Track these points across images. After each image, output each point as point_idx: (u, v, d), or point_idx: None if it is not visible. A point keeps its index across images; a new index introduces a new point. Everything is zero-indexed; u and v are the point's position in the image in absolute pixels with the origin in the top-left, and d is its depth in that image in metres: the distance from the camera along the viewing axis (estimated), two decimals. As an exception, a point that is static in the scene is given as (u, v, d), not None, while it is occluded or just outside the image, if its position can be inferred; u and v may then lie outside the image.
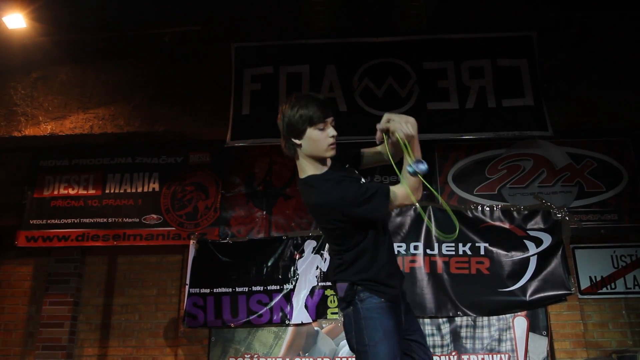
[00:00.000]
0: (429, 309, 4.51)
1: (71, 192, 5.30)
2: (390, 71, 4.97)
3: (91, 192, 5.29)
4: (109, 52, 5.33)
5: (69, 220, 5.21)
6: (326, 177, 2.26)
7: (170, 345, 4.96)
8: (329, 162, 2.35)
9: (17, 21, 4.95)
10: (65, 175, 5.36)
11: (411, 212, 4.78)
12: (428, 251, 4.66)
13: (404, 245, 4.69)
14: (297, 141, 2.24)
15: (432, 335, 4.56)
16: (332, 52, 5.06)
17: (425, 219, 4.70)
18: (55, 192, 5.30)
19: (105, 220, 5.17)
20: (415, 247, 4.68)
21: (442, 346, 4.53)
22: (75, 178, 5.35)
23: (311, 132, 2.21)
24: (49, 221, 5.20)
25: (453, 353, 4.51)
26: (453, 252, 4.63)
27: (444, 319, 4.57)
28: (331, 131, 2.24)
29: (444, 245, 4.65)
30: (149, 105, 5.17)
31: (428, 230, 4.69)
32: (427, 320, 4.58)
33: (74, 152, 5.41)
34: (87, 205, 5.25)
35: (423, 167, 2.14)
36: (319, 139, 2.22)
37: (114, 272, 5.31)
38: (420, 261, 4.63)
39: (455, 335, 4.55)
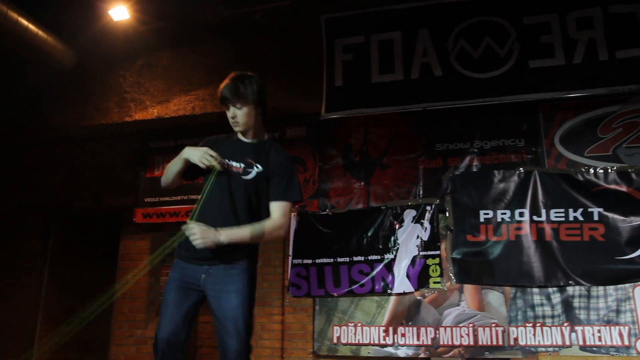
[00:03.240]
0: (537, 278, 4.31)
1: (179, 170, 5.61)
2: (487, 30, 4.71)
3: (196, 170, 5.56)
4: (204, 35, 5.52)
5: (178, 197, 5.54)
6: None
7: (277, 314, 5.17)
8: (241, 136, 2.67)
9: (122, 13, 5.29)
10: (173, 155, 5.54)
11: (515, 178, 4.57)
12: (535, 218, 4.43)
13: (508, 212, 4.50)
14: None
15: (542, 305, 4.38)
16: (424, 15, 4.88)
17: None
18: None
19: (211, 195, 5.44)
20: (521, 214, 4.47)
21: (552, 317, 4.34)
22: (182, 157, 5.65)
23: None
24: (160, 199, 5.57)
25: (565, 324, 4.30)
26: (563, 219, 4.36)
27: (554, 289, 4.36)
28: (231, 113, 2.59)
29: (552, 211, 4.40)
30: (245, 83, 5.31)
31: (534, 196, 4.46)
32: (535, 290, 4.40)
33: (179, 133, 5.71)
34: (194, 182, 5.52)
35: None
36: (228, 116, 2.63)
37: (221, 245, 5.59)
38: (526, 228, 4.41)
39: (567, 305, 4.33)
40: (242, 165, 2.55)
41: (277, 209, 2.51)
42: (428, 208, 4.72)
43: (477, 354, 4.42)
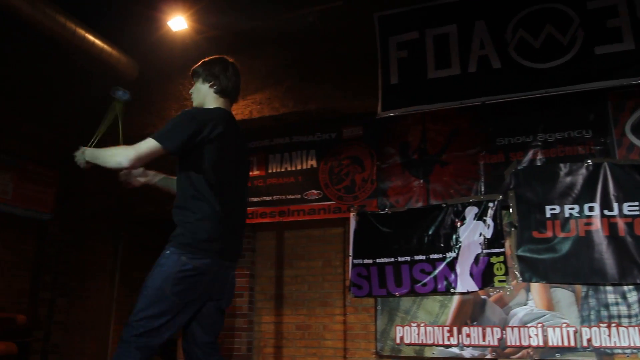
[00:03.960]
0: (611, 275, 4.11)
1: (239, 174, 5.74)
2: (548, 18, 4.51)
3: (256, 172, 5.68)
4: (259, 40, 5.61)
5: (240, 200, 5.66)
6: None
7: (339, 314, 5.18)
8: None
9: (180, 23, 5.47)
10: (233, 159, 5.80)
11: (582, 170, 4.36)
12: (606, 212, 4.21)
13: (576, 207, 4.31)
14: None
15: (617, 304, 4.15)
16: (480, 6, 4.74)
17: None
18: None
19: (270, 198, 5.54)
20: (591, 209, 4.27)
21: (629, 316, 4.10)
22: (241, 161, 5.78)
23: None
24: (222, 202, 5.70)
25: (643, 323, 4.06)
26: (637, 212, 4.12)
27: (630, 287, 4.13)
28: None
29: (625, 204, 4.17)
30: (300, 85, 5.37)
31: (605, 189, 4.25)
32: (609, 288, 4.17)
33: (238, 137, 5.83)
34: (254, 185, 5.65)
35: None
36: None
37: (282, 246, 5.67)
38: (597, 223, 4.21)
39: (645, 303, 4.09)
40: None
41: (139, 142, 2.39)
42: (490, 205, 4.60)
43: (548, 355, 4.24)
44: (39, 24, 4.91)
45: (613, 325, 4.12)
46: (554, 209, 4.38)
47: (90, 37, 5.38)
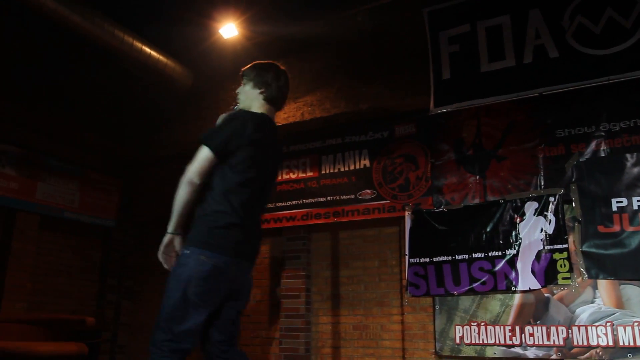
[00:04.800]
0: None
1: (292, 176, 5.81)
2: (608, 1, 4.31)
3: (309, 174, 5.71)
4: (308, 42, 5.65)
5: (294, 202, 5.71)
6: None
7: (396, 314, 5.13)
8: None
9: (231, 30, 5.58)
10: (286, 161, 5.88)
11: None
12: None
13: None
14: None
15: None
16: (534, -5, 4.60)
17: None
18: (279, 178, 5.85)
19: (324, 199, 5.55)
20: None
21: None
22: (294, 163, 5.84)
23: None
24: (277, 204, 5.78)
25: None
26: None
27: None
28: None
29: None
30: (351, 85, 5.37)
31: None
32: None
33: (290, 139, 5.89)
34: (307, 186, 5.68)
35: None
36: None
37: (337, 247, 5.67)
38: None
39: None
40: None
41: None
42: (551, 199, 4.43)
43: (618, 355, 4.03)
44: (98, 39, 5.16)
45: (691, 322, 3.88)
46: (621, 202, 4.17)
47: (147, 49, 5.59)
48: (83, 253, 6.61)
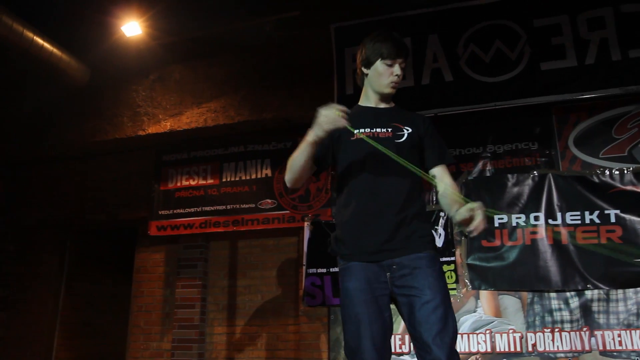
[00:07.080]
0: (555, 282, 4.26)
1: (192, 182, 5.67)
2: (497, 34, 4.69)
3: (210, 181, 5.61)
4: (215, 48, 5.58)
5: (192, 209, 5.57)
6: None
7: (292, 324, 5.15)
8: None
9: (134, 29, 5.37)
10: (186, 167, 5.74)
11: (529, 181, 4.52)
12: (550, 221, 4.38)
13: (523, 216, 4.46)
14: (366, 70, 2.40)
15: (560, 310, 4.30)
16: (434, 21, 4.88)
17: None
18: (178, 184, 5.69)
19: (224, 207, 5.47)
20: (536, 218, 4.42)
21: (571, 321, 4.26)
22: (194, 169, 5.71)
23: (379, 65, 2.35)
24: (174, 211, 5.60)
25: (584, 328, 4.21)
26: (579, 222, 4.31)
27: (572, 293, 4.29)
28: (397, 70, 2.33)
29: (568, 214, 4.35)
30: (256, 94, 5.36)
31: (549, 199, 4.42)
32: (552, 295, 4.32)
33: (192, 145, 5.76)
34: (207, 194, 5.57)
35: None
36: (383, 74, 2.35)
37: (236, 256, 5.60)
38: (542, 232, 4.37)
39: (586, 309, 4.24)
40: (390, 129, 2.37)
41: (445, 171, 2.44)
42: (442, 214, 4.69)
43: (496, 361, 4.35)
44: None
45: (556, 330, 4.27)
46: (502, 219, 4.52)
47: (39, 40, 5.21)
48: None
